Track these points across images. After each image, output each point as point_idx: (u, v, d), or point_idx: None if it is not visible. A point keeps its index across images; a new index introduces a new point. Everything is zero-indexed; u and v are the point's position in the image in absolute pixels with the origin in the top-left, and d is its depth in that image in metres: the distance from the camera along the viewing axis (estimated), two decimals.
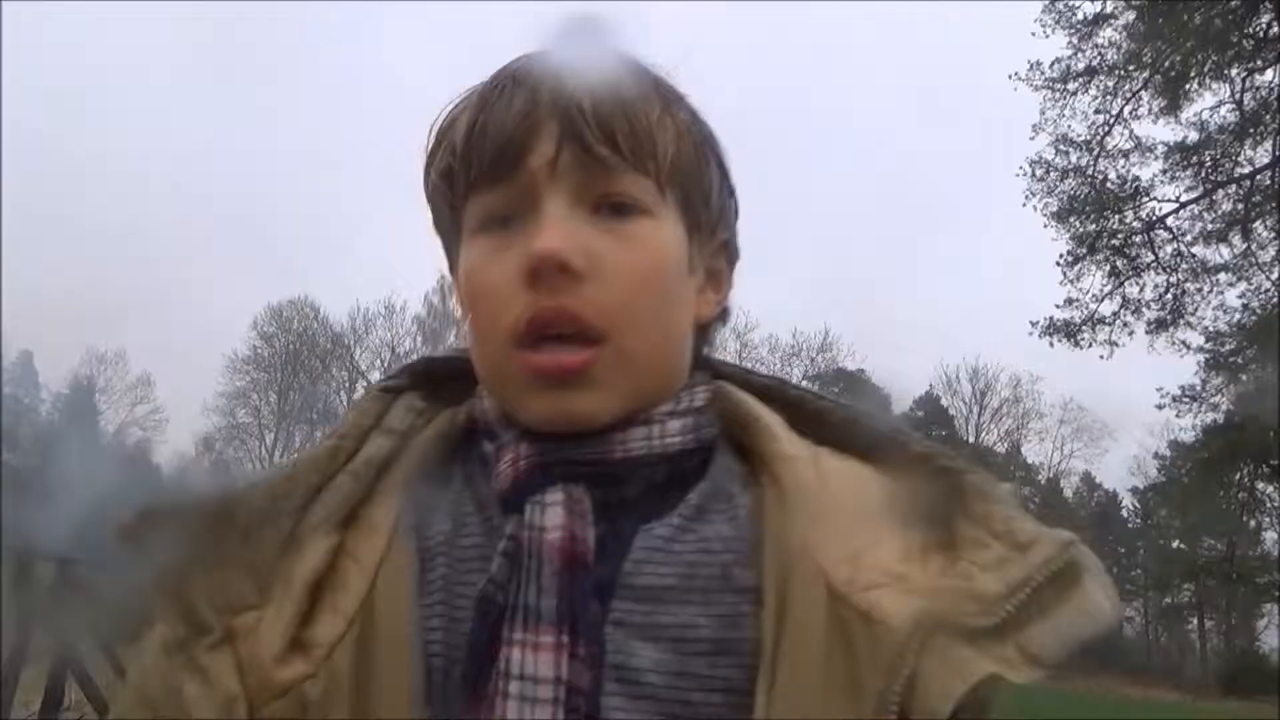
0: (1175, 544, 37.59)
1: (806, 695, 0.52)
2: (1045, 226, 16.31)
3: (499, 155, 0.58)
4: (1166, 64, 15.11)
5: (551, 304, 0.56)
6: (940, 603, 0.52)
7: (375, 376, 39.39)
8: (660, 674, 0.54)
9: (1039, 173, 16.30)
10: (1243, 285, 15.50)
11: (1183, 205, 15.76)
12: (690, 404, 0.62)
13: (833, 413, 0.65)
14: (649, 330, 0.59)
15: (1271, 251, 15.07)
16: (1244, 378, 15.96)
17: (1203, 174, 15.62)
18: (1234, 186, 15.46)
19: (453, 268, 0.65)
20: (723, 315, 0.68)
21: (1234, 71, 14.97)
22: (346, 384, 39.13)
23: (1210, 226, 15.57)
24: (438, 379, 0.68)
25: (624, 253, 0.58)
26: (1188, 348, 16.08)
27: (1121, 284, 16.01)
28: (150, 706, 0.56)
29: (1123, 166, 16.13)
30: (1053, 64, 16.03)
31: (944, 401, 39.84)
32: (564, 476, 0.58)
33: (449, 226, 0.64)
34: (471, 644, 0.54)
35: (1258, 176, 15.14)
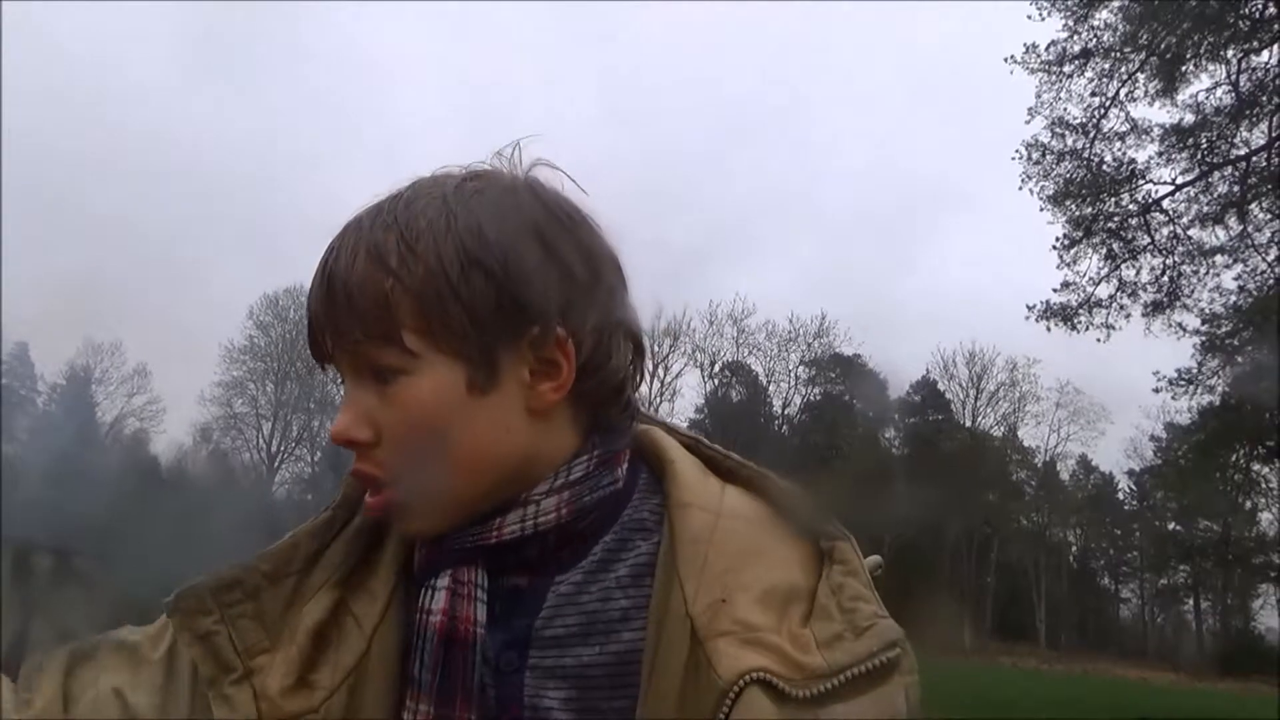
0: (1171, 526, 37.80)
1: None
2: (1041, 210, 16.26)
3: (312, 348, 0.71)
4: (1163, 46, 15.05)
5: (357, 467, 0.69)
6: (771, 664, 0.61)
7: None
8: (566, 711, 0.64)
9: (1035, 156, 16.22)
10: (1239, 267, 15.44)
11: (1179, 187, 15.73)
12: (566, 479, 0.69)
13: (739, 469, 0.75)
14: (430, 467, 0.66)
15: (1268, 233, 15.07)
16: (1240, 360, 15.98)
17: (1199, 156, 15.58)
18: (1230, 168, 15.42)
19: None
20: (601, 387, 0.71)
21: (1230, 53, 14.91)
22: None
23: (1206, 209, 15.53)
24: None
25: (391, 415, 0.67)
26: (1184, 330, 16.04)
27: (1118, 267, 15.97)
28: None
29: (1119, 149, 16.05)
30: (1048, 46, 15.94)
31: (941, 385, 39.92)
32: (457, 561, 0.68)
33: None
34: (393, 706, 0.66)
35: (1254, 158, 15.11)
